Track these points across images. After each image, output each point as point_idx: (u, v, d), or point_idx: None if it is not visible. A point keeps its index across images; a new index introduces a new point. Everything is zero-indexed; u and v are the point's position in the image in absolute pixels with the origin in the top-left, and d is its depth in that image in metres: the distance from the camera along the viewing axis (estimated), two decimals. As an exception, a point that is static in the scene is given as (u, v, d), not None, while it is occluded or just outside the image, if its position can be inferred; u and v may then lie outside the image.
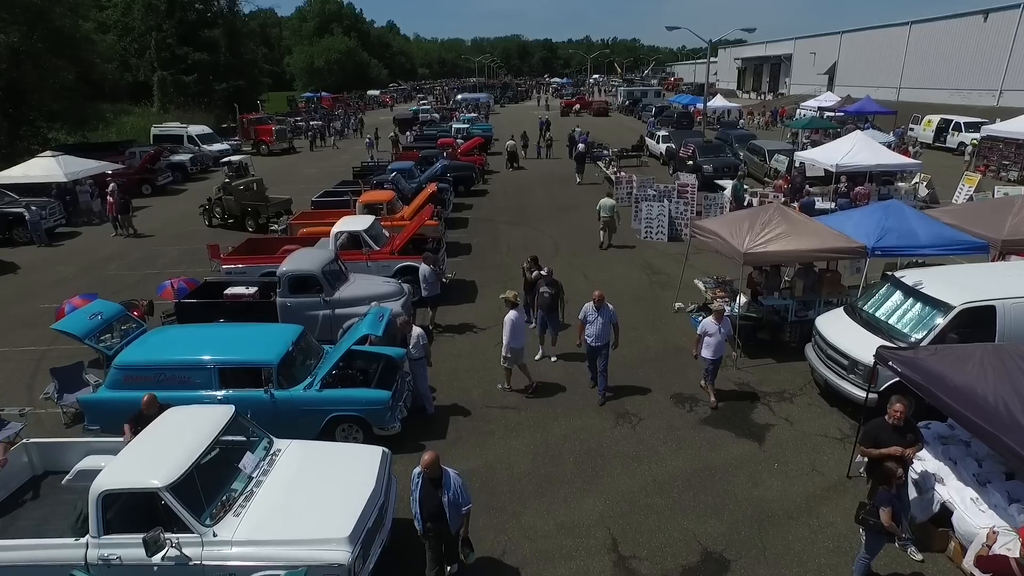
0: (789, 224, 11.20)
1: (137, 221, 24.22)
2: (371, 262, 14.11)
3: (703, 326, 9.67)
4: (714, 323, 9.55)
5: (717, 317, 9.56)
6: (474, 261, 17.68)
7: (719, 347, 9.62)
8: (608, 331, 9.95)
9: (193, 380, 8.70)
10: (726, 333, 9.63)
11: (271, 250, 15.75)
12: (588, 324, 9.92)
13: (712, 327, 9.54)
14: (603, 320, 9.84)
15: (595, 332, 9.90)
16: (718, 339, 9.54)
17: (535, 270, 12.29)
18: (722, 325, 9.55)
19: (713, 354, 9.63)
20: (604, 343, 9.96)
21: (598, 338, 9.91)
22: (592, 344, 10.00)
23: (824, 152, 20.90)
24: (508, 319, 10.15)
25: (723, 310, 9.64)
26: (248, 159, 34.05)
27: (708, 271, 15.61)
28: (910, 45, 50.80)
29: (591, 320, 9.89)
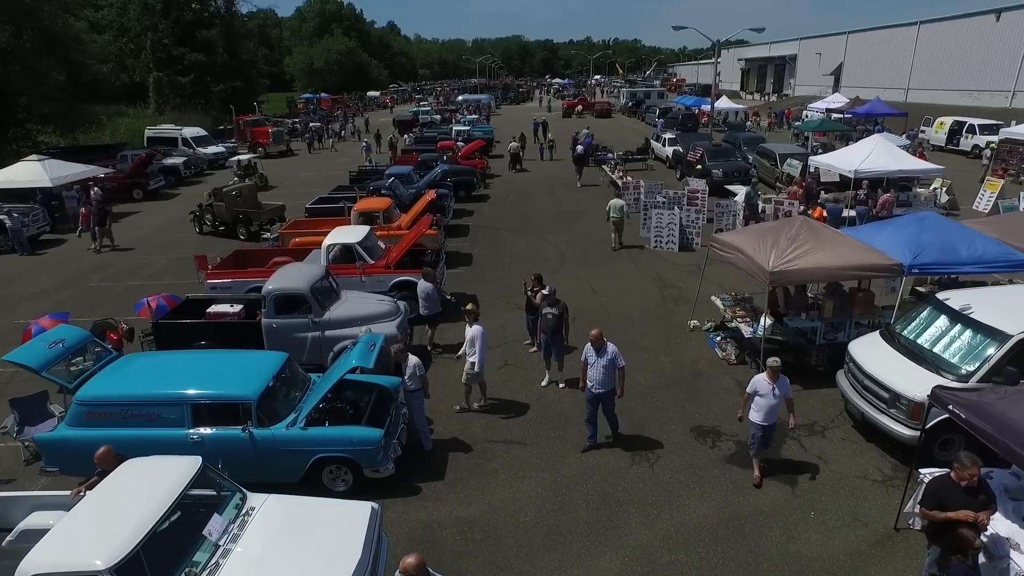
0: (818, 239, 10.30)
1: (124, 228, 23.43)
2: (365, 277, 13.22)
3: (754, 384, 7.95)
4: (767, 382, 7.82)
5: (771, 375, 7.81)
6: (475, 273, 16.79)
7: (772, 411, 7.86)
8: (611, 376, 8.55)
9: (163, 417, 7.82)
10: (782, 394, 7.83)
11: (260, 263, 14.87)
12: (589, 367, 8.63)
13: (764, 386, 7.83)
14: (603, 363, 8.48)
15: (596, 377, 8.56)
16: (771, 402, 7.80)
17: (538, 289, 11.40)
18: (777, 385, 7.80)
19: (764, 419, 7.89)
20: (607, 390, 8.61)
21: (599, 383, 8.57)
22: (593, 391, 8.67)
23: (841, 157, 20.01)
24: (478, 332, 9.65)
25: (779, 367, 7.79)
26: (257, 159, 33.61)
27: (723, 284, 14.73)
28: (919, 45, 49.89)
29: (591, 363, 8.59)
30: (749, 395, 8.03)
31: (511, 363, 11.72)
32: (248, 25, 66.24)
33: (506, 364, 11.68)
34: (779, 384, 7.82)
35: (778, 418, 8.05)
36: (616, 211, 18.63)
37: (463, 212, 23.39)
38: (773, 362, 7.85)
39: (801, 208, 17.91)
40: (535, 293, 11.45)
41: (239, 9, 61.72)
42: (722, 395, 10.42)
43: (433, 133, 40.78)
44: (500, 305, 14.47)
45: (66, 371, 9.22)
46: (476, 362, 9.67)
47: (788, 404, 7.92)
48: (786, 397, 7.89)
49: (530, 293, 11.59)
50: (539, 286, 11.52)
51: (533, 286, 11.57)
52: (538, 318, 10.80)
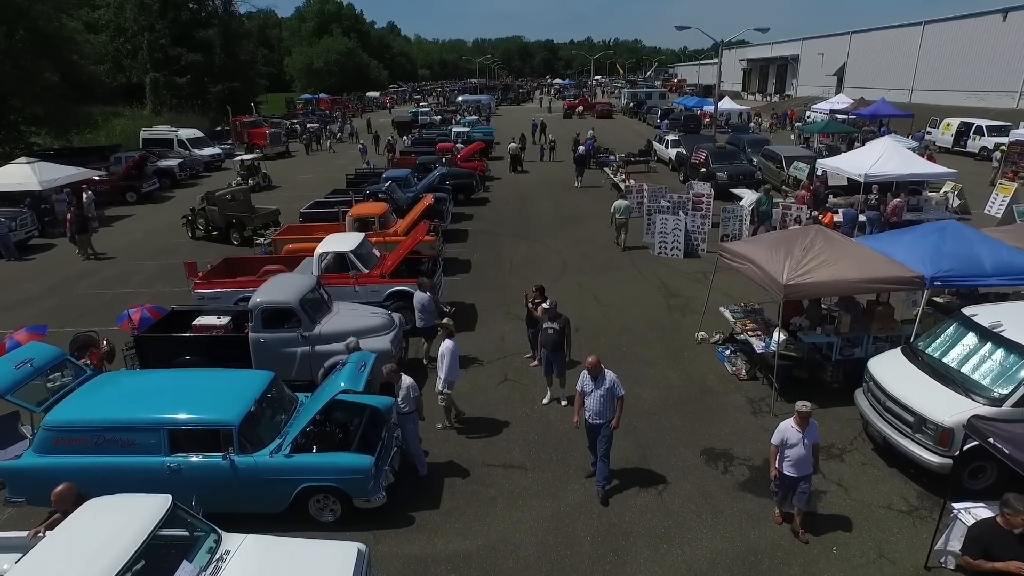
0: (834, 249, 9.77)
1: (116, 233, 22.97)
2: (359, 287, 12.70)
3: (781, 433, 7.08)
4: (796, 429, 6.99)
5: (800, 421, 6.97)
6: (474, 281, 16.26)
7: (804, 462, 6.99)
8: (609, 406, 7.79)
9: (138, 443, 7.30)
10: (812, 442, 7.00)
11: (251, 271, 14.38)
12: (585, 396, 7.89)
13: (793, 434, 6.98)
14: (600, 392, 7.73)
15: (592, 407, 7.81)
16: (801, 452, 6.96)
17: (540, 301, 10.87)
18: (807, 432, 6.97)
19: (798, 471, 7.03)
20: (605, 420, 7.83)
21: (596, 414, 7.81)
22: (590, 421, 7.91)
23: (850, 160, 19.46)
24: (447, 349, 9.23)
25: (808, 412, 6.94)
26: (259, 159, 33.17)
27: (732, 293, 14.23)
28: (923, 46, 49.37)
29: (588, 392, 7.84)
30: (777, 447, 7.11)
31: (511, 378, 11.19)
32: (246, 25, 65.69)
33: (506, 379, 11.15)
34: (809, 431, 6.98)
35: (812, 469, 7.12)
36: (621, 212, 18.57)
37: (462, 216, 22.87)
38: (803, 407, 6.93)
39: (812, 214, 17.36)
40: (536, 306, 10.92)
41: (237, 9, 61.23)
42: (733, 414, 9.89)
43: (432, 134, 40.27)
44: (499, 315, 13.94)
45: (43, 388, 8.74)
46: (441, 379, 9.27)
47: (815, 449, 7.10)
48: (816, 444, 7.08)
49: (531, 306, 11.07)
50: (540, 298, 10.99)
51: (534, 298, 11.04)
52: (539, 332, 10.27)
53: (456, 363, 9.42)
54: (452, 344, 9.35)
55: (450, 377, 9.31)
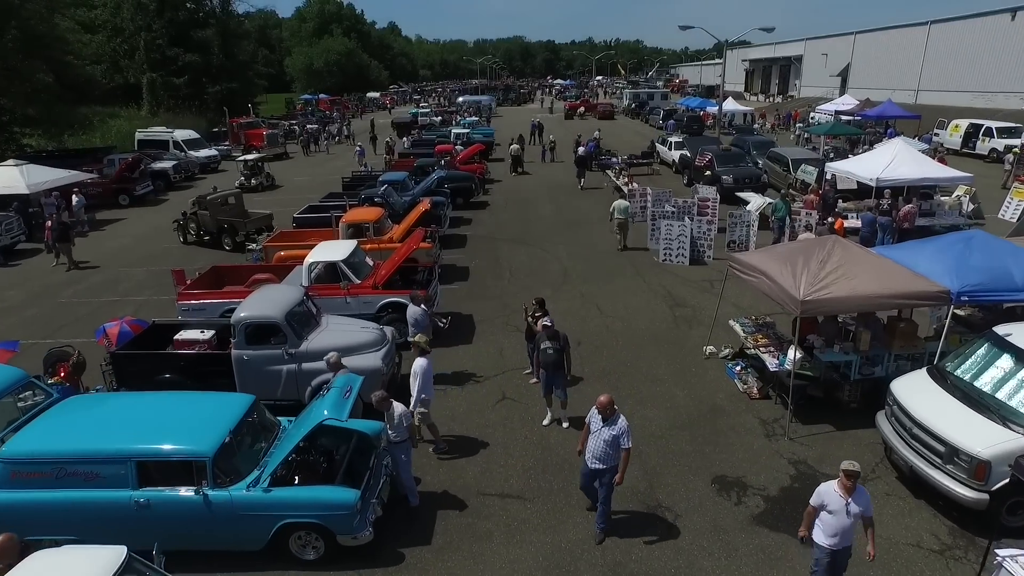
0: (853, 261, 9.18)
1: (106, 237, 22.42)
2: (351, 298, 12.11)
3: (820, 496, 5.89)
4: (839, 493, 5.76)
5: (846, 486, 5.72)
6: (472, 289, 15.67)
7: (845, 533, 5.84)
8: (613, 452, 6.90)
9: (104, 476, 6.73)
10: (858, 512, 5.78)
11: (239, 280, 13.79)
12: (591, 434, 7.04)
13: (836, 501, 5.75)
14: (607, 436, 6.85)
15: (594, 449, 6.95)
16: (844, 522, 5.78)
17: (540, 315, 10.28)
18: (854, 499, 5.74)
19: (834, 541, 5.87)
20: (606, 466, 6.96)
21: (598, 458, 6.95)
22: (589, 464, 7.09)
23: (861, 163, 18.87)
24: (420, 368, 8.70)
25: (856, 472, 5.70)
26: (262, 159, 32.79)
27: (741, 303, 13.64)
28: (929, 46, 48.69)
29: (594, 430, 6.98)
30: (814, 509, 6.01)
31: (509, 396, 10.60)
32: (245, 25, 65.10)
33: (504, 398, 10.56)
34: (856, 497, 5.76)
35: (853, 540, 5.97)
36: (620, 212, 18.35)
37: (460, 220, 22.28)
38: (851, 466, 5.69)
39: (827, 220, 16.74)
40: (536, 319, 10.33)
41: (235, 9, 60.65)
42: (745, 436, 9.29)
43: (432, 136, 39.71)
44: (498, 327, 13.35)
45: (13, 407, 8.20)
46: (412, 399, 8.71)
47: (866, 523, 5.88)
48: (865, 515, 5.83)
49: (531, 319, 10.48)
50: (541, 311, 10.41)
51: (534, 311, 10.45)
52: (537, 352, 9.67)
53: (430, 382, 8.88)
54: (425, 363, 8.80)
55: (424, 395, 8.77)
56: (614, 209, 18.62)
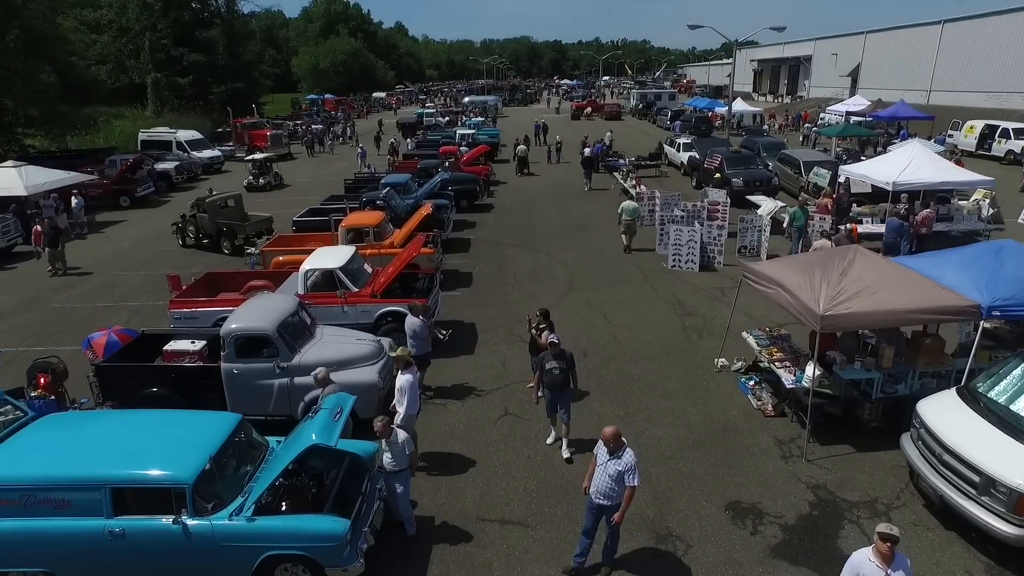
0: (875, 273, 8.67)
1: (104, 240, 22.10)
2: (348, 307, 11.68)
3: (854, 567, 5.13)
4: (877, 563, 4.99)
5: (883, 554, 4.94)
6: (475, 296, 15.21)
7: None
8: (618, 488, 6.31)
9: (76, 504, 6.30)
10: None
11: (234, 287, 13.40)
12: (596, 466, 6.47)
13: (873, 572, 4.99)
14: (612, 471, 6.27)
15: (601, 485, 6.36)
16: None
17: (544, 327, 9.83)
18: (893, 568, 4.96)
19: None
20: (612, 503, 6.39)
21: (603, 494, 6.36)
22: (594, 499, 6.48)
23: (876, 167, 18.30)
24: (406, 383, 8.21)
25: (896, 537, 4.93)
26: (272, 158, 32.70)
27: (753, 313, 13.13)
28: (942, 45, 47.93)
29: (599, 462, 6.42)
30: None
31: (512, 412, 10.13)
32: (250, 25, 64.86)
33: (506, 413, 10.10)
34: (897, 567, 4.97)
35: None
36: (629, 214, 18.10)
37: (464, 224, 21.84)
38: (888, 530, 4.92)
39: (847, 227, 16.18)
40: (540, 331, 9.87)
41: (240, 9, 60.42)
42: (760, 458, 8.79)
43: (437, 136, 39.31)
44: (501, 335, 12.89)
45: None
46: (401, 414, 8.22)
47: None
48: None
49: (535, 331, 10.01)
50: (545, 323, 9.95)
51: (539, 323, 9.98)
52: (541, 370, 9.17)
53: (416, 397, 8.40)
54: (411, 377, 8.33)
55: (410, 411, 8.31)
56: (622, 211, 18.34)
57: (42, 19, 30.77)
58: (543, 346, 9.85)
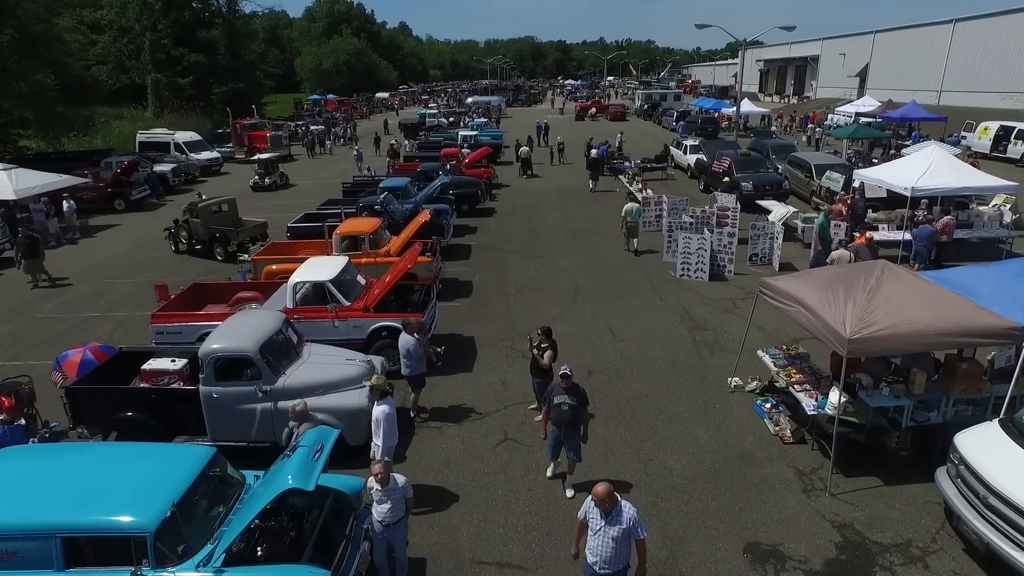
0: (905, 291, 7.99)
1: (96, 245, 21.53)
2: (339, 321, 11.04)
3: None
4: None
5: None
6: (475, 307, 14.55)
7: None
8: (624, 551, 5.59)
9: (23, 555, 5.66)
10: None
11: (223, 298, 12.80)
12: (591, 534, 5.65)
13: None
14: (614, 533, 5.49)
15: (601, 551, 5.56)
16: None
17: (547, 346, 9.18)
18: None
19: None
20: (616, 570, 5.62)
21: (607, 562, 5.56)
22: (597, 570, 5.63)
23: (893, 171, 17.53)
24: (382, 414, 7.61)
25: None
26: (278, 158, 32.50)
27: (766, 326, 12.44)
28: (953, 45, 47.05)
29: (595, 529, 5.59)
30: None
31: (512, 437, 9.48)
32: (251, 25, 64.31)
33: (506, 439, 9.44)
34: None
35: None
36: (632, 216, 18.10)
37: (465, 229, 21.19)
38: None
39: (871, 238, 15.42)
40: (542, 352, 9.22)
41: (242, 9, 59.89)
42: (780, 491, 8.11)
43: (439, 138, 38.69)
44: (502, 351, 12.23)
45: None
46: (379, 446, 7.64)
47: None
48: None
49: (536, 351, 9.35)
50: (548, 342, 9.29)
51: (541, 342, 9.33)
52: (546, 387, 8.51)
53: (394, 428, 7.78)
54: (388, 409, 7.71)
55: (388, 443, 7.71)
56: (626, 213, 18.22)
57: (37, 19, 30.23)
58: (544, 367, 9.23)
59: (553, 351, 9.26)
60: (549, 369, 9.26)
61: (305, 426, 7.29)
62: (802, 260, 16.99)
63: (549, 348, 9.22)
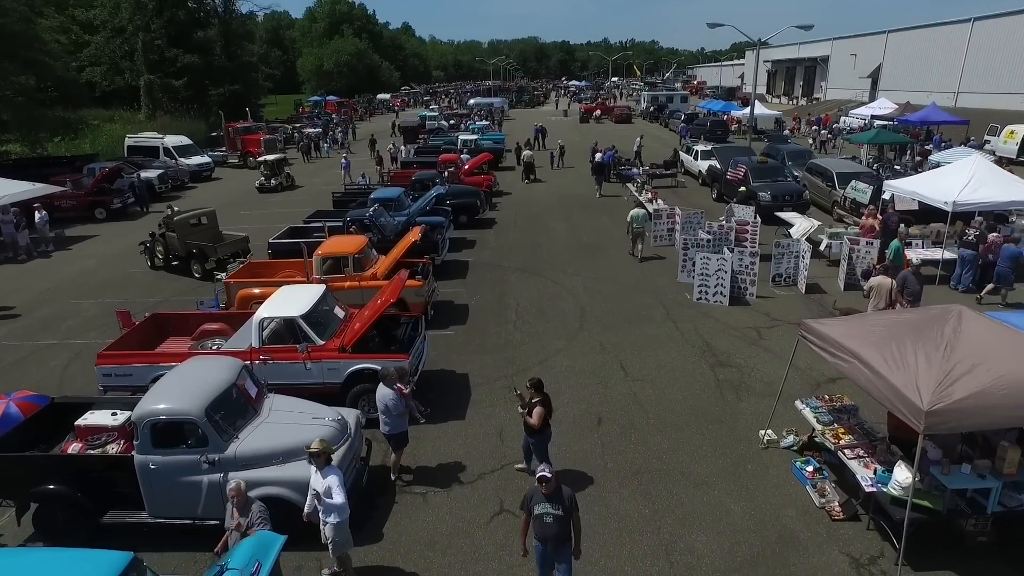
0: (992, 344, 6.52)
1: (68, 258, 20.13)
2: (311, 363, 9.61)
3: None
4: None
5: None
6: (470, 336, 13.08)
7: None
8: None
9: None
10: None
11: (186, 329, 11.37)
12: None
13: None
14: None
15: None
16: None
17: (537, 401, 7.79)
18: None
19: None
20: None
21: None
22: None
23: (930, 183, 16.04)
24: (332, 485, 6.27)
25: None
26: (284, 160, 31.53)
27: (799, 362, 10.92)
28: (971, 45, 45.44)
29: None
30: None
31: (508, 507, 8.00)
32: (248, 25, 62.93)
33: (501, 510, 7.98)
34: None
35: None
36: (638, 223, 17.40)
37: (463, 242, 19.76)
38: None
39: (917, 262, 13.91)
40: (531, 408, 7.80)
41: (238, 8, 58.50)
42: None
43: (439, 142, 37.26)
44: (499, 393, 10.78)
45: None
46: (330, 526, 6.34)
47: None
48: None
49: (523, 411, 7.91)
50: (539, 396, 7.86)
51: (531, 398, 7.88)
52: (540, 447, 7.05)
53: (344, 505, 6.38)
54: (336, 479, 6.36)
55: (341, 518, 6.42)
56: (631, 219, 17.48)
57: (16, 18, 28.88)
58: (534, 427, 7.83)
59: (544, 407, 7.84)
60: (541, 428, 7.87)
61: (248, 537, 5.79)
62: (830, 280, 15.54)
63: (540, 403, 7.80)
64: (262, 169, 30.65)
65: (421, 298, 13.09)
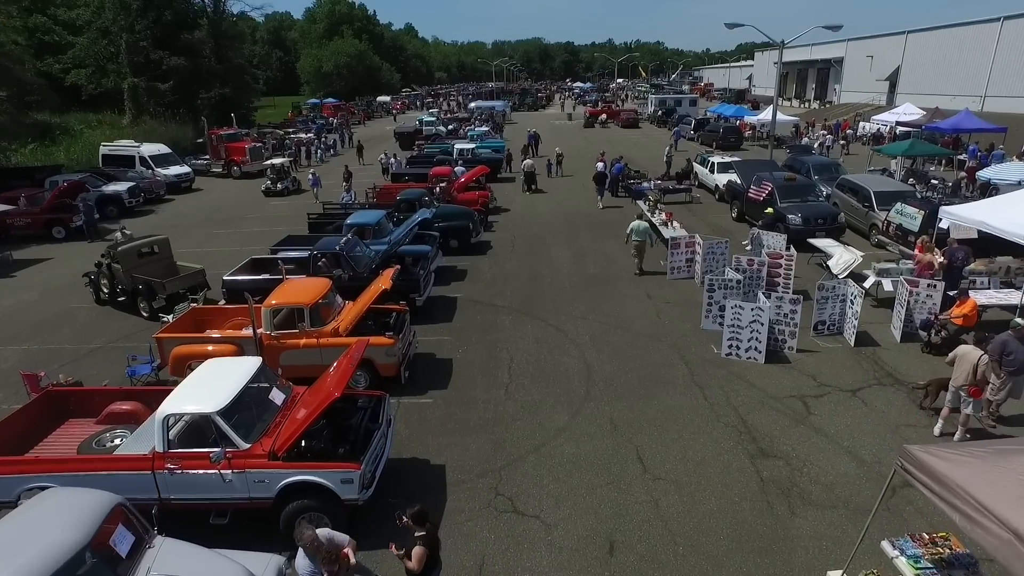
0: None
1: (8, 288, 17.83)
2: (231, 472, 7.26)
3: None
4: None
5: None
6: (451, 408, 10.68)
7: None
8: None
9: None
10: None
11: (90, 410, 9.06)
12: None
13: None
14: None
15: None
16: None
17: (421, 533, 5.54)
18: None
19: None
20: None
21: None
22: None
23: (996, 210, 13.59)
24: None
25: None
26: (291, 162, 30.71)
27: (841, 439, 8.53)
28: (1000, 45, 42.83)
29: None
30: None
31: None
32: (239, 26, 60.71)
33: None
34: None
35: None
36: (639, 235, 16.40)
37: (452, 273, 17.40)
38: None
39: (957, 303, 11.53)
40: (408, 552, 5.59)
41: (229, 9, 56.28)
42: None
43: (435, 149, 34.95)
44: (483, 496, 8.39)
45: None
46: None
47: None
48: None
49: (401, 554, 5.57)
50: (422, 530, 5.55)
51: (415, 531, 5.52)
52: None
53: None
54: None
55: None
56: (632, 231, 16.48)
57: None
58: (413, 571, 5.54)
59: (427, 546, 5.54)
60: (424, 573, 5.55)
61: None
62: (880, 327, 13.12)
63: (418, 542, 5.49)
64: (268, 173, 30.71)
65: (393, 358, 10.75)
